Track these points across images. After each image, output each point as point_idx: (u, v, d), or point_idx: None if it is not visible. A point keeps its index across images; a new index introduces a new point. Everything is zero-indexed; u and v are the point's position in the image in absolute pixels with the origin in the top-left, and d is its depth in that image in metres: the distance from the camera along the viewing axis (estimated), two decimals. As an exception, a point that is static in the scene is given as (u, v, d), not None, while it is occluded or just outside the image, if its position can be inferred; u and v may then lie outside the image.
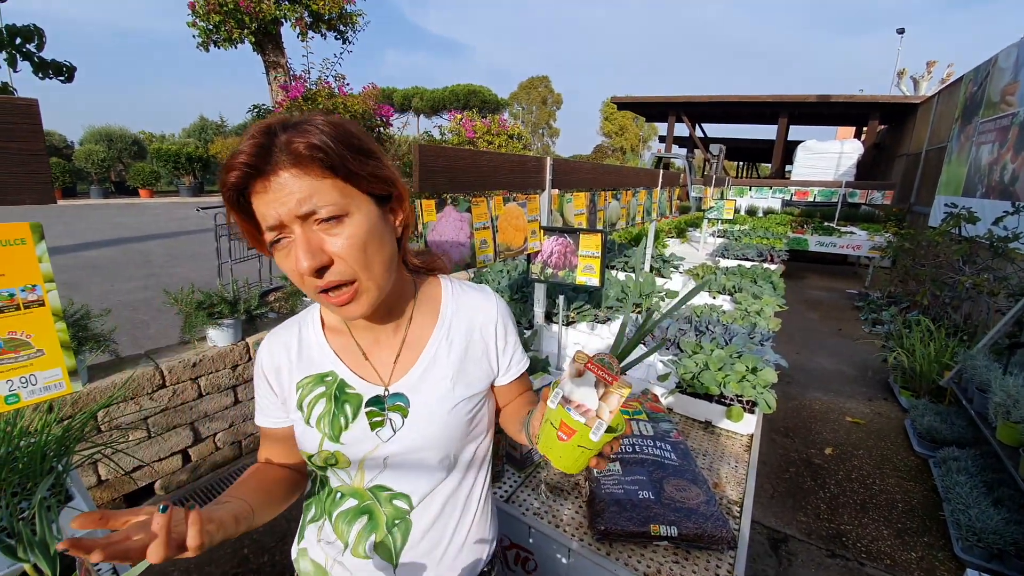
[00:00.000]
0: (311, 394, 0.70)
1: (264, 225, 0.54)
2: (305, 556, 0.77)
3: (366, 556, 0.71)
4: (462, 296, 0.77)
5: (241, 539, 2.09)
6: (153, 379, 2.24)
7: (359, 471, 0.71)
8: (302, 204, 0.52)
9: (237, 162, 0.52)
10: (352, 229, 0.55)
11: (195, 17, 3.24)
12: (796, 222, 8.32)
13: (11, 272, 0.56)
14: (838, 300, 6.41)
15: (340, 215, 0.54)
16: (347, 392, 0.70)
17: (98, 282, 6.16)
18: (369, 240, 0.57)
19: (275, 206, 0.53)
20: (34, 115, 0.54)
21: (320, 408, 0.69)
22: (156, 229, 10.81)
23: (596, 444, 0.55)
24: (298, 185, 0.52)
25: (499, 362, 0.78)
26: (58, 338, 0.60)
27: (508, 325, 0.79)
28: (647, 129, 37.88)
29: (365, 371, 0.71)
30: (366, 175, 0.56)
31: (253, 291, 2.77)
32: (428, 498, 0.73)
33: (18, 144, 0.51)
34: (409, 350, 0.72)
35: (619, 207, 2.53)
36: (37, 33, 2.40)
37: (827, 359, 4.30)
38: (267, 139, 0.53)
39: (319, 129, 0.53)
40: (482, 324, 0.76)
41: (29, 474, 1.10)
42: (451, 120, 5.60)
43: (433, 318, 0.74)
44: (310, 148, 0.52)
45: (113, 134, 18.41)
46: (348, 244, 0.55)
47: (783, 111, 11.57)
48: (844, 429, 3.11)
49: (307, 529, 0.78)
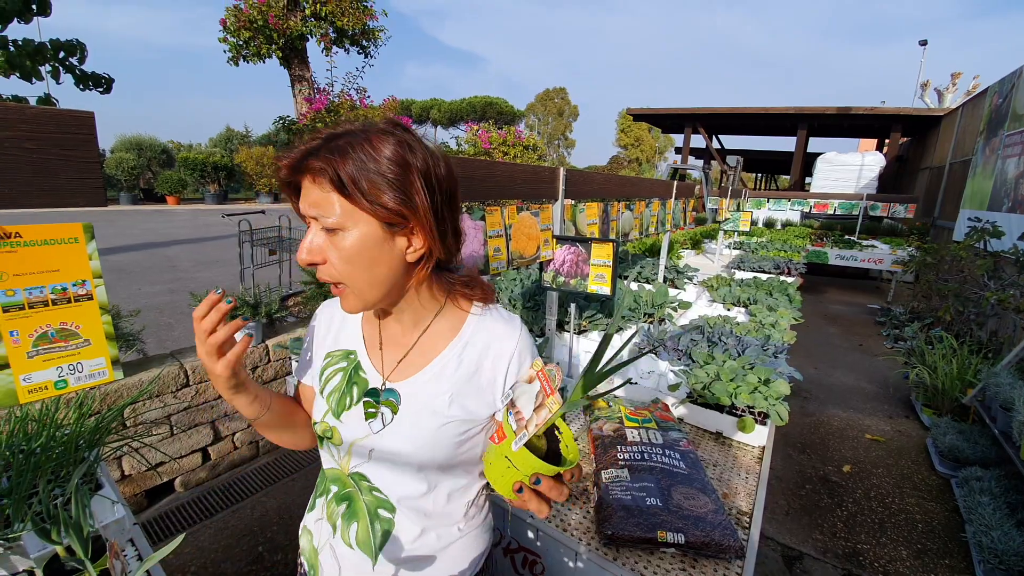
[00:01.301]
0: (333, 367, 0.77)
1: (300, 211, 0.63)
2: (306, 533, 0.83)
3: (350, 546, 0.74)
4: (486, 320, 0.76)
5: (256, 537, 2.14)
6: (178, 378, 2.32)
7: (347, 454, 0.76)
8: (310, 209, 0.60)
9: (290, 157, 0.61)
10: (345, 242, 0.61)
11: (226, 33, 3.41)
12: (815, 235, 8.20)
13: (65, 268, 0.61)
14: (859, 315, 6.27)
15: (337, 228, 0.60)
16: (359, 375, 0.75)
17: (126, 285, 6.38)
18: (358, 256, 0.62)
19: (301, 202, 0.62)
20: (90, 126, 0.59)
21: (334, 383, 0.75)
22: (182, 235, 11.16)
23: (517, 459, 0.51)
24: (314, 192, 0.60)
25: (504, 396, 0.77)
26: (104, 330, 0.65)
27: (525, 361, 0.75)
28: (663, 140, 37.81)
29: (377, 360, 0.76)
30: (372, 202, 0.59)
31: (274, 295, 2.85)
32: (414, 516, 0.74)
33: (77, 152, 0.56)
34: (417, 355, 0.74)
35: (632, 218, 2.55)
36: (80, 47, 2.55)
37: (846, 375, 4.21)
38: (308, 146, 0.60)
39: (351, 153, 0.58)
40: (496, 354, 0.74)
41: (63, 463, 1.17)
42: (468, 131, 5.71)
43: (452, 334, 0.75)
44: (322, 169, 0.58)
45: (143, 143, 19.14)
46: (337, 254, 0.62)
47: (802, 123, 11.46)
48: (863, 447, 3.04)
49: (316, 502, 0.84)
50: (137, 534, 1.11)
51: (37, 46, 2.35)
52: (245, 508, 2.33)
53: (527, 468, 0.51)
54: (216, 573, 1.95)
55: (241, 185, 21.29)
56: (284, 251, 4.52)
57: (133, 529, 1.10)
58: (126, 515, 1.06)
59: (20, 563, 0.91)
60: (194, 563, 1.99)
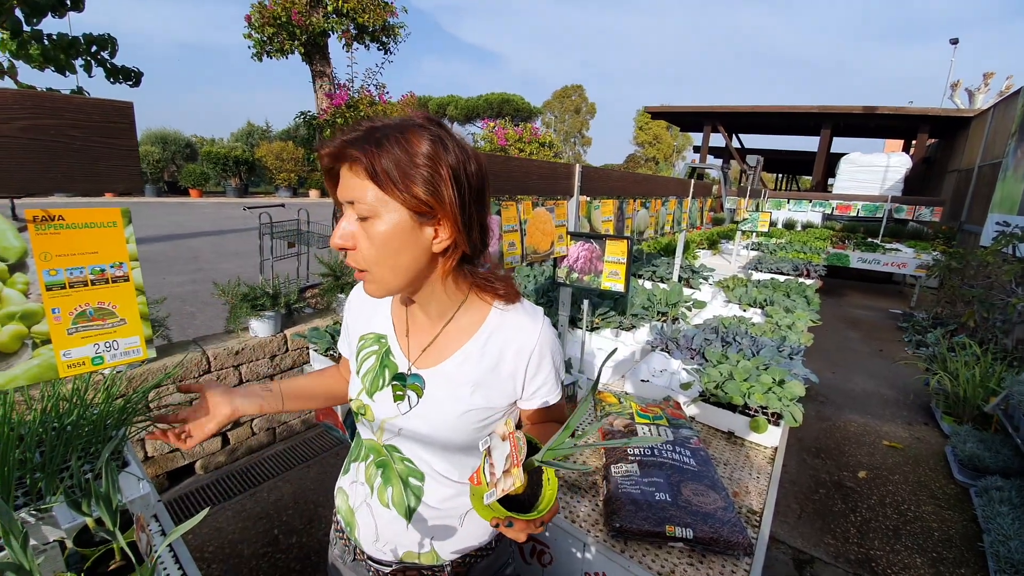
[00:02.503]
0: (367, 350, 0.82)
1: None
2: (342, 493, 0.89)
3: (387, 506, 0.80)
4: (509, 314, 0.77)
5: (272, 520, 2.20)
6: (200, 364, 2.39)
7: (380, 429, 0.81)
8: (346, 195, 0.64)
9: (324, 152, 0.64)
10: (375, 229, 0.64)
11: (251, 29, 3.48)
12: (837, 237, 8.03)
13: (103, 250, 0.65)
14: (880, 319, 6.14)
15: (369, 216, 0.63)
16: (390, 359, 0.79)
17: (151, 275, 6.57)
18: (386, 243, 0.64)
19: (339, 188, 0.65)
20: (129, 116, 0.62)
21: (368, 364, 0.80)
22: (204, 227, 11.42)
23: (491, 507, 0.55)
24: (351, 180, 0.63)
25: (525, 388, 0.79)
26: (139, 310, 0.69)
27: (545, 355, 0.77)
28: (681, 139, 37.32)
29: (404, 345, 0.80)
30: (402, 192, 0.62)
31: (293, 287, 2.91)
32: (438, 483, 0.80)
33: (118, 140, 0.59)
34: (442, 345, 0.77)
35: (647, 216, 2.54)
36: (111, 41, 2.63)
37: (865, 380, 4.13)
38: (347, 134, 0.63)
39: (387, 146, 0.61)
40: (518, 348, 0.76)
41: (92, 440, 1.22)
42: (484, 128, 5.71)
43: (476, 327, 0.77)
44: (359, 158, 0.61)
45: (168, 137, 19.59)
46: (367, 241, 0.65)
47: (826, 122, 11.21)
48: (880, 453, 2.98)
49: (350, 466, 0.89)
50: (161, 510, 1.16)
51: (71, 40, 2.44)
52: (262, 492, 2.39)
53: (500, 513, 0.55)
54: (233, 554, 2.01)
55: (261, 179, 21.67)
56: (303, 244, 4.61)
57: (157, 506, 1.15)
58: (151, 491, 1.11)
59: (51, 533, 0.96)
60: (212, 543, 2.06)
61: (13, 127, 0.52)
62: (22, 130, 0.53)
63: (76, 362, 0.67)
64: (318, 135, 3.75)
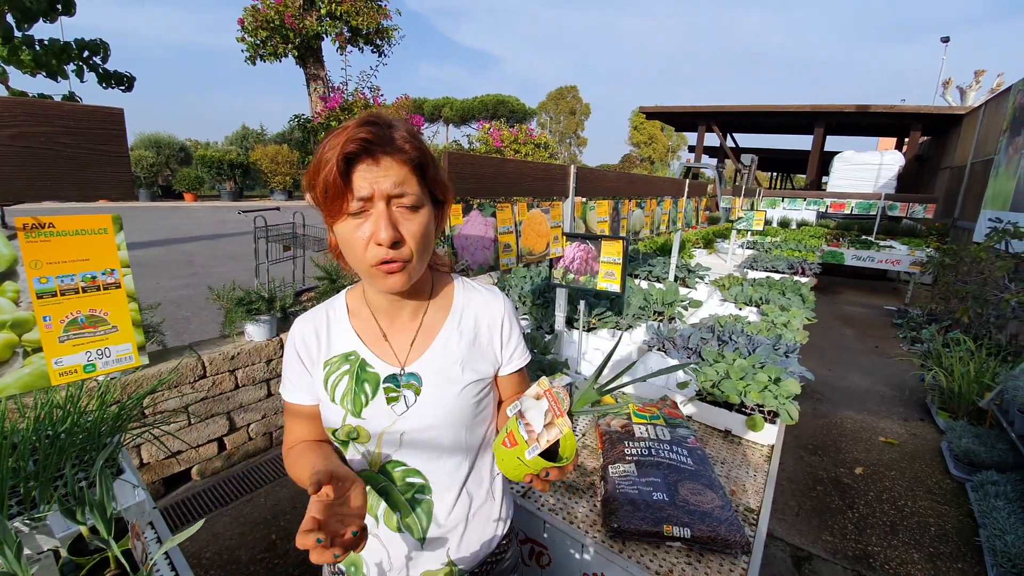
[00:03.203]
0: (336, 372, 0.77)
1: (356, 195, 0.63)
2: None
3: (398, 529, 0.78)
4: (473, 293, 0.85)
5: (270, 525, 2.18)
6: (195, 369, 2.38)
7: (378, 446, 0.77)
8: (395, 187, 0.64)
9: (359, 137, 0.62)
10: (422, 219, 0.67)
11: (244, 33, 3.48)
12: (832, 235, 8.07)
13: (94, 257, 0.64)
14: (875, 317, 6.17)
15: (418, 206, 0.66)
16: (367, 371, 0.76)
17: (144, 280, 6.52)
18: (428, 232, 0.69)
19: (373, 181, 0.63)
20: (120, 122, 0.62)
21: (343, 386, 0.76)
22: (199, 231, 11.36)
23: (531, 462, 0.61)
24: (396, 171, 0.64)
25: (503, 354, 0.85)
26: (131, 317, 0.68)
27: (513, 322, 0.86)
28: (676, 139, 37.45)
29: (383, 352, 0.78)
30: (435, 180, 0.69)
31: (288, 290, 2.90)
32: (448, 482, 0.79)
33: (108, 147, 0.59)
34: (424, 335, 0.79)
35: (643, 216, 2.55)
36: (103, 47, 2.62)
37: (861, 377, 4.15)
38: (383, 129, 0.64)
39: (414, 135, 0.67)
40: (490, 319, 0.83)
41: (86, 448, 1.21)
42: (479, 129, 5.73)
43: (446, 310, 0.82)
44: (414, 148, 0.65)
45: (162, 141, 19.47)
46: (417, 231, 0.67)
47: (819, 121, 11.28)
48: (876, 449, 3.00)
49: None
50: (157, 518, 1.15)
51: (63, 45, 2.42)
52: (259, 497, 2.38)
53: (537, 467, 0.61)
54: (231, 559, 2.00)
55: (256, 182, 21.57)
56: (298, 247, 4.60)
57: (153, 513, 1.14)
58: (146, 498, 1.10)
59: (45, 543, 0.95)
60: (210, 549, 2.05)
61: (3, 135, 0.52)
62: (12, 138, 0.52)
63: (68, 370, 0.67)
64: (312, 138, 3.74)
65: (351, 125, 0.64)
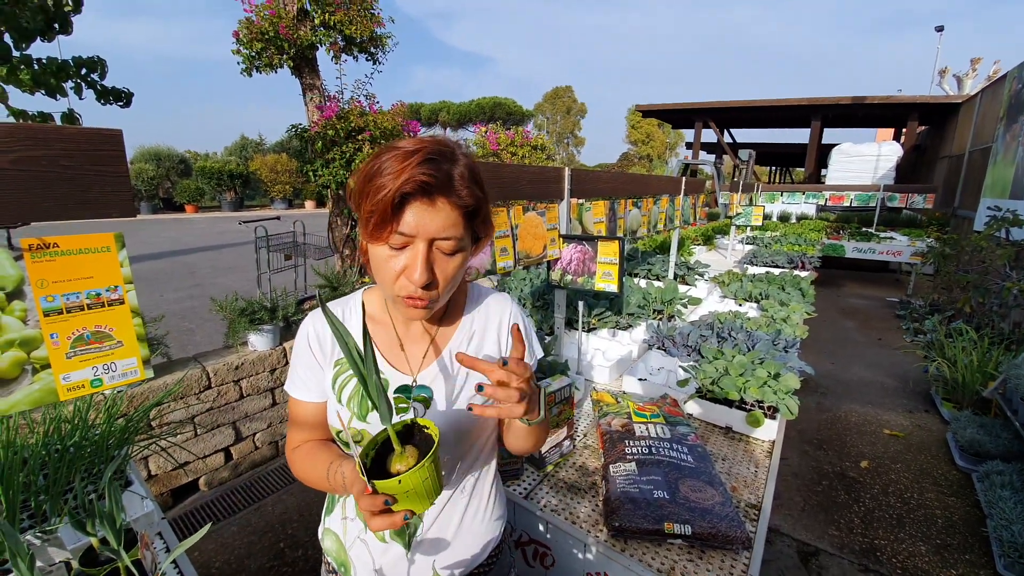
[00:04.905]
0: (345, 373, 0.77)
1: (400, 229, 0.62)
2: (330, 534, 0.85)
3: (384, 541, 0.77)
4: (481, 300, 0.85)
5: (277, 534, 2.20)
6: (200, 380, 2.40)
7: None
8: (441, 230, 0.63)
9: (419, 179, 0.59)
10: (458, 262, 0.67)
11: (239, 45, 3.51)
12: (831, 228, 8.07)
13: (98, 275, 0.66)
14: (878, 308, 6.16)
15: (458, 250, 0.66)
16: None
17: (148, 292, 6.57)
18: (460, 272, 0.69)
19: (421, 222, 0.62)
20: (119, 143, 0.64)
21: (350, 389, 0.76)
22: (200, 242, 11.43)
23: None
24: (447, 215, 0.63)
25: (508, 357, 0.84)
26: (135, 332, 0.70)
27: (521, 322, 0.85)
28: (674, 136, 37.45)
29: (398, 360, 0.78)
30: (483, 220, 0.69)
31: (290, 300, 2.92)
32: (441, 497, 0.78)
33: (108, 167, 0.61)
34: (436, 347, 0.80)
35: (640, 215, 2.56)
36: (100, 64, 2.65)
37: (865, 370, 4.15)
38: (444, 166, 0.62)
39: (471, 174, 0.65)
40: (498, 325, 0.83)
41: (95, 461, 1.23)
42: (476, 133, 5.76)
43: (456, 319, 0.82)
44: (471, 195, 0.64)
45: (161, 153, 19.60)
46: (451, 272, 0.67)
47: (816, 114, 11.28)
48: (881, 442, 3.00)
49: (335, 505, 0.85)
50: (165, 528, 1.17)
51: (61, 64, 2.46)
52: (266, 506, 2.40)
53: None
54: (240, 569, 2.01)
55: (256, 192, 21.68)
56: (299, 256, 4.62)
57: (161, 523, 1.16)
58: (155, 509, 1.12)
59: (57, 555, 0.97)
60: (219, 558, 2.06)
61: (6, 159, 0.54)
62: (14, 162, 0.54)
63: (76, 385, 0.68)
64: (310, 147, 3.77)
65: (414, 159, 0.60)
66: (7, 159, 0.54)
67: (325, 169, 3.70)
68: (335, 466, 0.67)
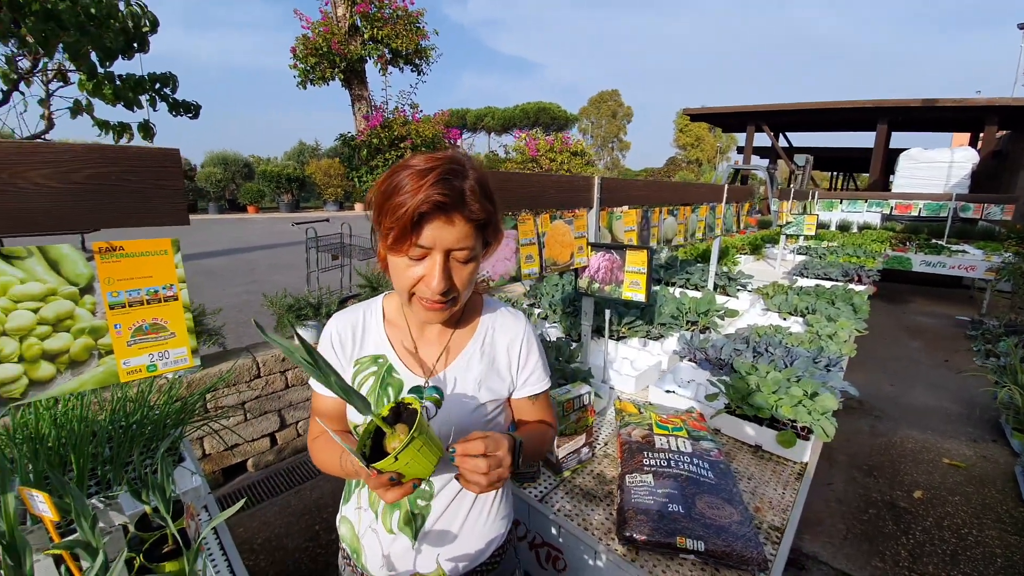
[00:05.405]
0: (364, 372, 0.83)
1: (420, 241, 0.67)
2: (345, 522, 0.91)
3: (392, 532, 0.82)
4: (497, 316, 0.90)
5: (313, 517, 2.33)
6: (251, 369, 2.59)
7: None
8: (457, 242, 0.69)
9: (435, 199, 0.64)
10: (472, 268, 0.73)
11: (295, 60, 3.78)
12: (897, 239, 7.51)
13: (156, 274, 0.76)
14: (946, 327, 5.67)
15: (472, 258, 0.72)
16: (393, 376, 0.82)
17: (212, 286, 7.10)
18: (474, 277, 0.75)
19: (439, 236, 0.67)
20: (176, 161, 0.73)
21: (368, 386, 0.83)
22: (260, 241, 12.20)
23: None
24: (461, 229, 0.68)
25: (517, 377, 0.89)
26: (186, 324, 0.80)
27: (531, 347, 0.90)
28: (725, 140, 36.07)
29: (412, 362, 0.84)
30: (493, 229, 0.74)
31: (333, 297, 3.09)
32: (448, 484, 0.83)
33: (167, 182, 0.70)
34: (450, 352, 0.85)
35: (676, 223, 2.52)
36: (172, 79, 2.93)
37: (927, 393, 3.84)
38: (457, 182, 0.67)
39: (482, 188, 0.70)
40: (509, 342, 0.88)
41: (153, 438, 1.37)
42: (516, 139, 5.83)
43: (472, 329, 0.87)
44: (482, 209, 0.69)
45: (228, 158, 21.12)
46: (466, 278, 0.73)
47: (882, 117, 10.54)
48: (939, 472, 2.77)
49: (351, 494, 0.91)
50: (211, 502, 1.29)
51: (138, 79, 2.74)
52: (305, 490, 2.54)
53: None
54: (279, 547, 2.16)
55: (311, 194, 22.90)
56: (345, 256, 4.86)
57: (208, 497, 1.28)
58: (202, 484, 1.24)
59: (117, 519, 1.09)
60: (260, 536, 2.22)
61: (82, 175, 0.64)
62: (88, 177, 0.64)
63: (134, 369, 0.78)
64: (356, 154, 3.98)
65: (429, 179, 0.64)
66: (82, 175, 0.63)
67: (369, 176, 3.90)
68: (346, 455, 0.73)
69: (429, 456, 0.62)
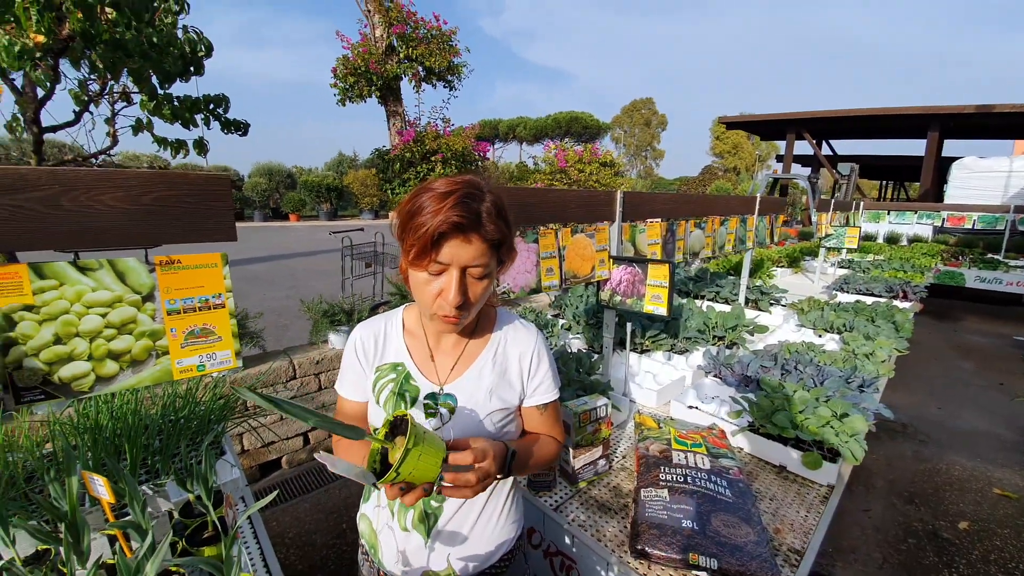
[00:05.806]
0: (383, 379, 0.89)
1: (439, 257, 0.72)
2: (364, 519, 0.97)
3: (406, 529, 0.88)
4: (510, 328, 0.95)
5: (341, 515, 2.43)
6: (287, 371, 2.73)
7: None
8: (473, 260, 0.74)
9: (453, 221, 0.69)
10: (486, 284, 0.78)
11: (336, 79, 4.00)
12: (949, 253, 7.09)
13: (208, 284, 0.85)
14: (1003, 348, 5.31)
15: (487, 275, 0.77)
16: (410, 383, 0.88)
17: (255, 291, 7.48)
18: (486, 292, 0.79)
19: (456, 254, 0.72)
20: (226, 185, 0.82)
21: (387, 392, 0.89)
22: (300, 248, 12.74)
23: None
24: (477, 247, 0.73)
25: (527, 386, 0.93)
26: (231, 329, 0.89)
27: (542, 358, 0.94)
28: (765, 147, 35.00)
29: (428, 370, 0.89)
30: (507, 248, 0.79)
31: (365, 304, 3.22)
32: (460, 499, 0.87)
33: (219, 203, 0.79)
34: (464, 361, 0.90)
35: (703, 236, 2.50)
36: (224, 100, 3.16)
37: (978, 417, 3.61)
38: (474, 204, 0.72)
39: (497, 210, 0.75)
40: (521, 353, 0.92)
41: (199, 432, 1.48)
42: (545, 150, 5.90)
43: (486, 340, 0.93)
44: (497, 230, 0.74)
45: (273, 169, 22.23)
46: (480, 293, 0.77)
47: (933, 123, 10.01)
48: (988, 502, 2.60)
49: (371, 493, 0.98)
50: (248, 494, 1.38)
51: (194, 100, 2.97)
52: (334, 488, 2.65)
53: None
54: (308, 542, 2.26)
55: (349, 203, 23.74)
56: (379, 264, 5.04)
57: (245, 489, 1.37)
58: (240, 476, 1.33)
59: (163, 505, 1.19)
60: (292, 530, 2.33)
61: (148, 198, 0.73)
62: (153, 200, 0.74)
63: (185, 368, 0.88)
64: (390, 167, 4.15)
65: (449, 201, 0.69)
66: (148, 198, 0.73)
67: (401, 188, 4.06)
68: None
69: (432, 461, 0.66)
